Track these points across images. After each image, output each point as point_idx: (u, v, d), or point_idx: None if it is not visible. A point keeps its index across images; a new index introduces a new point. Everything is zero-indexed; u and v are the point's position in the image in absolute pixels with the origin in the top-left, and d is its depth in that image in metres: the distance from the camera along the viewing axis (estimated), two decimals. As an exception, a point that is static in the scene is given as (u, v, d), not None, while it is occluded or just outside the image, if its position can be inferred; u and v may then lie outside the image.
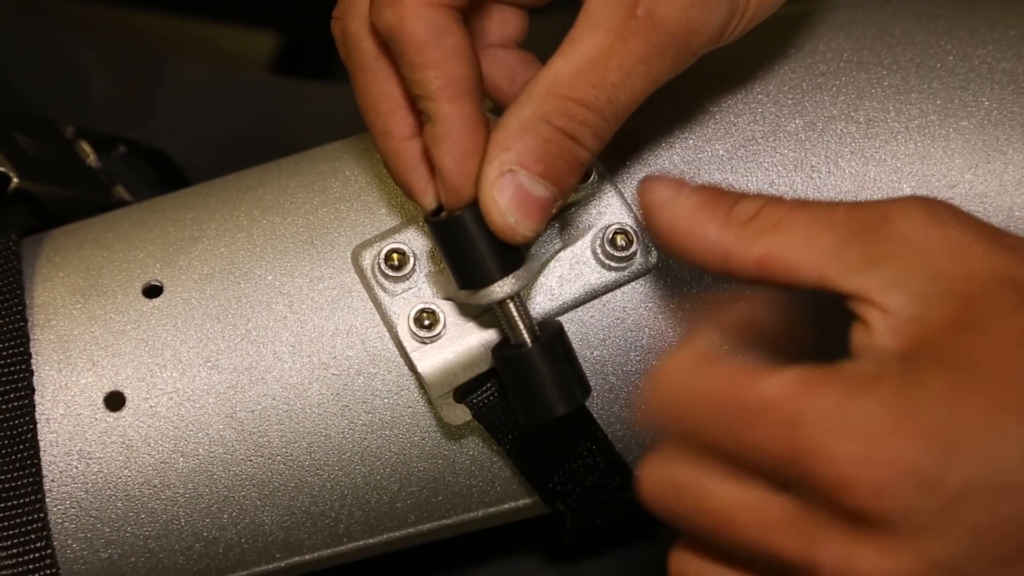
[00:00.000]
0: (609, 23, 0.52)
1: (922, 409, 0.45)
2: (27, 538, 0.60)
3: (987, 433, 0.45)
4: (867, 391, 0.45)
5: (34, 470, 0.60)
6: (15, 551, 0.60)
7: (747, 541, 0.47)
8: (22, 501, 0.60)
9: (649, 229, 0.52)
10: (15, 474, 0.60)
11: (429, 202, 0.56)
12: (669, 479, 0.48)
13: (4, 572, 0.60)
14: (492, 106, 0.60)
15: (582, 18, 0.53)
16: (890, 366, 0.46)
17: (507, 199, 0.53)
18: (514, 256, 0.55)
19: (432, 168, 0.55)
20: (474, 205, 0.53)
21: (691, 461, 0.48)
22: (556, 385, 0.55)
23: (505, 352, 0.56)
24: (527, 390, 0.55)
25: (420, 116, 0.55)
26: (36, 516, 0.60)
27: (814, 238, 0.48)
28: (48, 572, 0.60)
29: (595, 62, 0.52)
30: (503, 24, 0.59)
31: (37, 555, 0.60)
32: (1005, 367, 0.45)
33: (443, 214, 0.55)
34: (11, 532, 0.60)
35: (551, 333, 0.56)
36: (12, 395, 0.61)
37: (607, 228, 0.60)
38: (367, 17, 0.55)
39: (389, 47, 0.54)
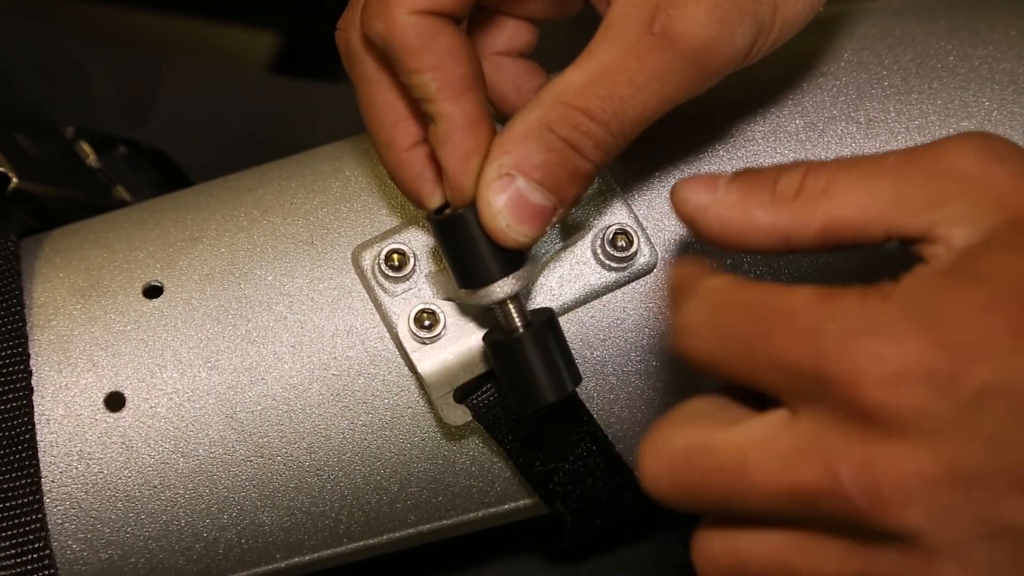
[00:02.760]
0: (625, 37, 0.52)
1: (944, 317, 0.45)
2: (26, 539, 0.60)
3: (1009, 349, 0.44)
4: (890, 300, 0.45)
5: (33, 471, 0.60)
6: (13, 551, 0.60)
7: (766, 486, 0.46)
8: (21, 502, 0.60)
9: (697, 235, 0.51)
10: (14, 475, 0.60)
11: (435, 200, 0.56)
12: (674, 447, 0.48)
13: (3, 572, 0.60)
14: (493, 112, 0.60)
15: (600, 31, 0.53)
16: (922, 280, 0.46)
17: (502, 202, 0.53)
18: (515, 256, 0.55)
19: (439, 172, 0.55)
20: (476, 204, 0.54)
21: (690, 422, 0.48)
22: (546, 372, 0.55)
23: (495, 337, 0.56)
24: (516, 376, 0.55)
25: (425, 121, 0.55)
26: (35, 517, 0.60)
27: (870, 191, 0.48)
28: (47, 573, 0.60)
29: (605, 74, 0.52)
30: (511, 35, 0.59)
31: (36, 555, 0.60)
32: None
33: (446, 212, 0.55)
34: (10, 533, 0.60)
35: (542, 320, 0.56)
36: (11, 396, 0.61)
37: (607, 228, 0.60)
38: None
39: (385, 56, 0.54)
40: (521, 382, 0.55)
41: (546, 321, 0.56)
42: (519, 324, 0.55)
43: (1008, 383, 0.44)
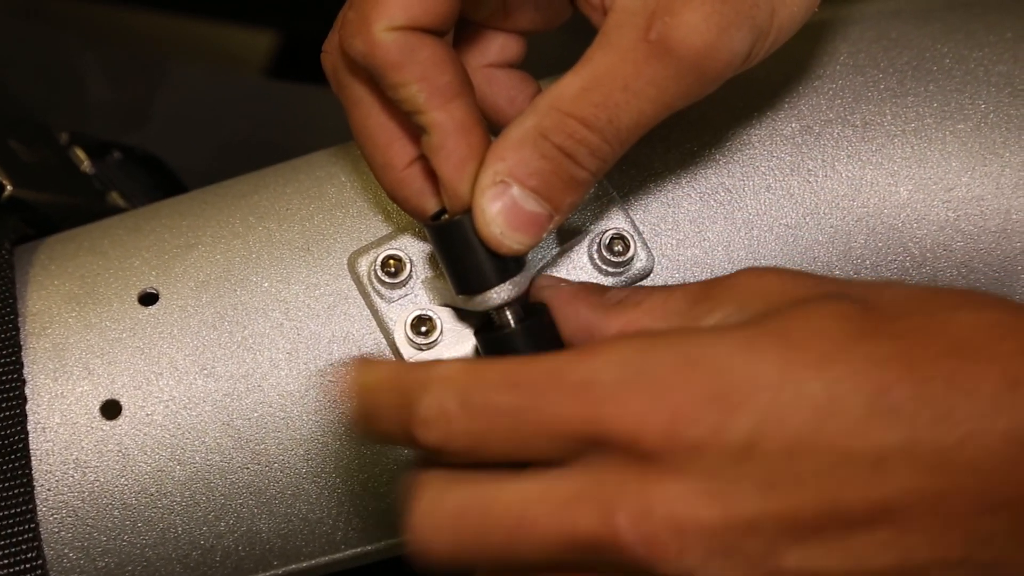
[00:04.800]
0: (621, 44, 0.52)
1: (710, 358, 0.45)
2: (18, 548, 0.60)
3: (777, 389, 0.45)
4: (656, 347, 0.46)
5: (25, 480, 0.60)
6: (6, 561, 0.60)
7: (546, 536, 0.46)
8: (13, 511, 0.60)
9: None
10: (6, 484, 0.60)
11: (432, 205, 0.56)
12: (446, 507, 0.47)
13: (-5, 582, 0.60)
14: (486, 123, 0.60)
15: (597, 39, 0.52)
16: (686, 328, 0.49)
17: (496, 210, 0.52)
18: (512, 262, 0.54)
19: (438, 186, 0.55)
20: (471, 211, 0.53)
21: (462, 480, 0.48)
22: None
23: (488, 333, 0.56)
24: None
25: (419, 136, 0.55)
26: (27, 527, 0.60)
27: (667, 306, 0.51)
28: None
29: (600, 81, 0.52)
30: (501, 47, 0.59)
31: (28, 565, 0.60)
32: (811, 332, 0.46)
33: (443, 218, 0.55)
34: (2, 544, 0.60)
35: (536, 315, 0.56)
36: (4, 404, 0.60)
37: (604, 233, 0.60)
38: None
39: (368, 74, 0.54)
40: None
41: (539, 316, 0.55)
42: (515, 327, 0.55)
43: (776, 424, 0.45)
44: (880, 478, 0.45)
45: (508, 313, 0.55)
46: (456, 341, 0.59)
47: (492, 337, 0.55)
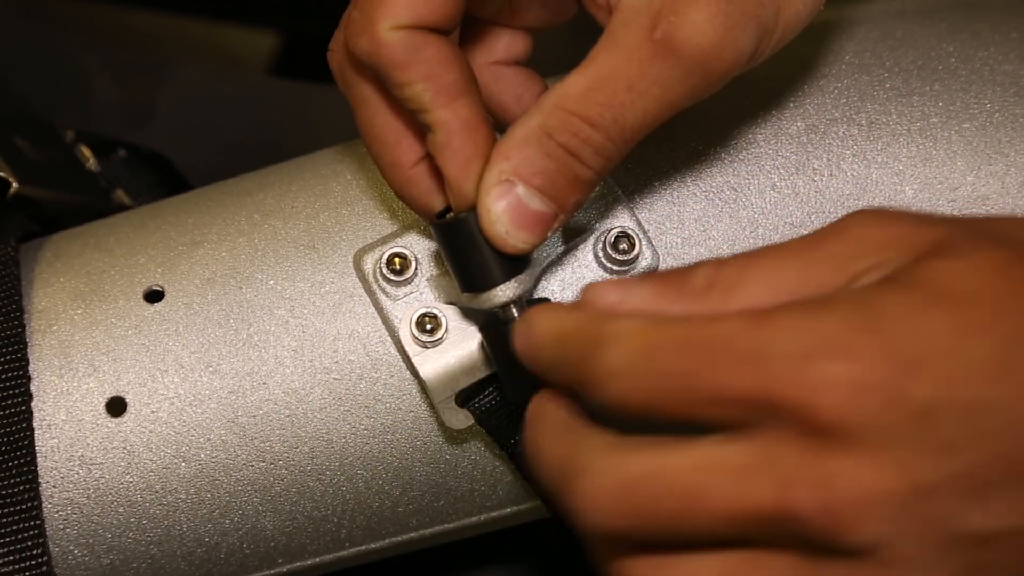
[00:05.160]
0: (626, 44, 0.52)
1: (884, 323, 0.44)
2: (23, 545, 0.60)
3: (952, 351, 0.44)
4: (829, 311, 0.45)
5: (31, 476, 0.60)
6: (11, 558, 0.60)
7: (721, 508, 0.45)
8: (18, 508, 0.60)
9: None
10: (11, 480, 0.60)
11: (439, 204, 0.56)
12: (620, 476, 0.46)
13: (-1, 579, 0.60)
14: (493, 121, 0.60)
15: (603, 38, 0.52)
16: (850, 291, 0.46)
17: (501, 208, 0.52)
18: (517, 260, 0.55)
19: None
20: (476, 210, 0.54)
21: (632, 446, 0.46)
22: None
23: (492, 329, 0.56)
24: (513, 365, 0.55)
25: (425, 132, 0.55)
26: (32, 523, 0.60)
27: (778, 277, 0.48)
28: None
29: (605, 81, 0.52)
30: (507, 44, 0.59)
31: (33, 562, 0.60)
32: (975, 288, 0.45)
33: (448, 216, 0.55)
34: (7, 539, 0.60)
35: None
36: (10, 401, 0.60)
37: (609, 231, 0.60)
38: None
39: (374, 73, 0.54)
40: (517, 371, 0.55)
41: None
42: None
43: (954, 386, 0.44)
44: None
45: (513, 310, 0.55)
46: (461, 339, 0.59)
47: (497, 333, 0.55)
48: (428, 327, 0.59)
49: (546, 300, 0.56)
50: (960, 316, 0.44)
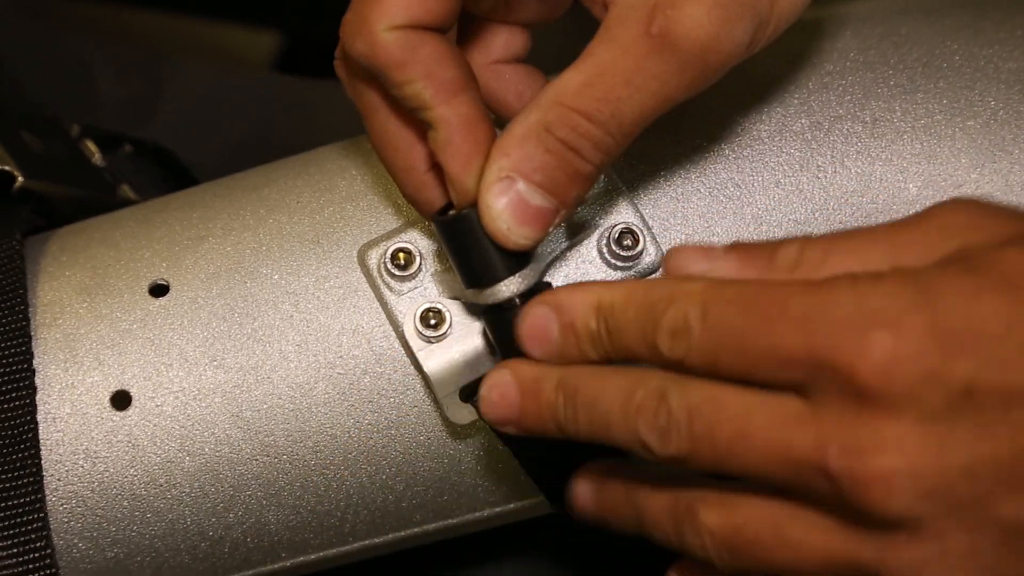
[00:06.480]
0: (622, 38, 0.52)
1: (936, 300, 0.45)
2: (27, 538, 0.60)
3: (1001, 336, 0.45)
4: (883, 283, 0.46)
5: (35, 469, 0.60)
6: (15, 551, 0.60)
7: (764, 447, 0.47)
8: (22, 501, 0.60)
9: None
10: (15, 473, 0.60)
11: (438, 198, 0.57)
12: (684, 400, 0.48)
13: (3, 572, 0.60)
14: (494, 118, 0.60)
15: (600, 33, 0.53)
16: (912, 268, 0.47)
17: (501, 205, 0.53)
18: (520, 255, 0.55)
19: None
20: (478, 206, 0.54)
21: (697, 382, 0.48)
22: None
23: (495, 313, 0.56)
24: (517, 351, 0.55)
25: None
26: (36, 516, 0.60)
27: (864, 260, 0.49)
28: (47, 572, 0.60)
29: (603, 75, 0.52)
30: (506, 41, 0.59)
31: (37, 555, 0.60)
32: None
33: (451, 212, 0.55)
34: (11, 532, 0.60)
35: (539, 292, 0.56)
36: (14, 394, 0.61)
37: (614, 228, 0.60)
38: None
39: (372, 74, 0.54)
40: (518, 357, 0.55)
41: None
42: None
43: (999, 371, 0.45)
44: None
45: (517, 302, 0.55)
46: (465, 334, 0.59)
47: (499, 317, 0.55)
48: (432, 322, 0.59)
49: (548, 285, 0.56)
50: (1015, 302, 0.45)
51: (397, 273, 0.60)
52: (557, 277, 0.61)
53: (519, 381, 0.53)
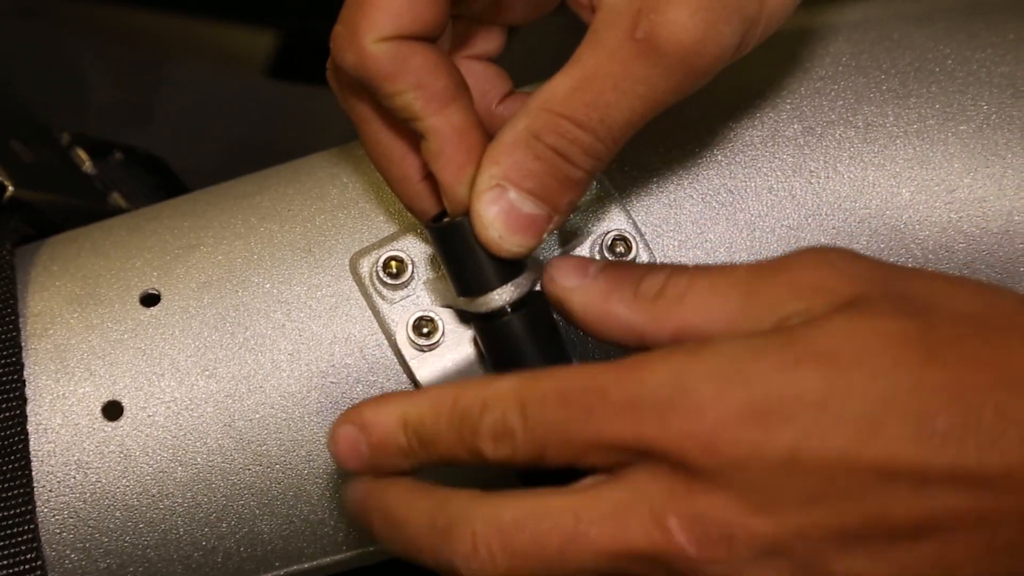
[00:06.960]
0: (608, 43, 0.52)
1: (751, 377, 0.46)
2: (17, 549, 0.60)
3: (819, 406, 0.46)
4: (699, 360, 0.47)
5: (25, 481, 0.60)
6: (6, 562, 0.60)
7: (599, 542, 0.47)
8: (13, 512, 0.60)
9: (562, 314, 0.54)
10: (5, 485, 0.60)
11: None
12: (503, 519, 0.49)
13: (-8, 583, 0.60)
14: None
15: (587, 38, 0.52)
16: (732, 339, 0.48)
17: (493, 213, 0.53)
18: (513, 264, 0.54)
19: None
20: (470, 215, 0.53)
21: (512, 496, 0.49)
22: (537, 355, 0.55)
23: (485, 321, 0.56)
24: (506, 359, 0.55)
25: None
26: (27, 528, 0.60)
27: (722, 301, 0.50)
28: None
29: (590, 81, 0.52)
30: (484, 39, 0.59)
31: (27, 567, 0.60)
32: (858, 351, 0.46)
33: (444, 220, 0.55)
34: (1, 544, 0.60)
35: (531, 303, 0.55)
36: (4, 405, 0.60)
37: (606, 234, 0.60)
38: None
39: (363, 86, 0.54)
40: (510, 366, 0.55)
41: (534, 304, 0.55)
42: None
43: (818, 441, 0.46)
44: (924, 497, 0.46)
45: (509, 311, 0.55)
46: (458, 342, 0.59)
47: (489, 326, 0.55)
48: (425, 331, 0.59)
49: (540, 295, 0.56)
50: (835, 376, 0.46)
51: (389, 281, 0.60)
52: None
53: (353, 493, 0.54)
